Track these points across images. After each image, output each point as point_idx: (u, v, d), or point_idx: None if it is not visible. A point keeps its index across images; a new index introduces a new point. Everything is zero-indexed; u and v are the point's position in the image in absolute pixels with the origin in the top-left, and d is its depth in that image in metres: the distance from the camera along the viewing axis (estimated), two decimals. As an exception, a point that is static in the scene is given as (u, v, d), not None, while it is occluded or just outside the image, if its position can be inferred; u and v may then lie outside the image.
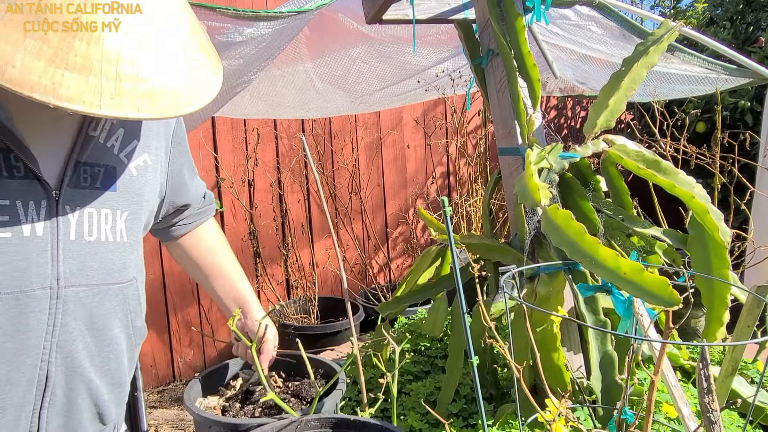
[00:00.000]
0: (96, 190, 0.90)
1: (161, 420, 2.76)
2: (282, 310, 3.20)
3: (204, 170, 3.04)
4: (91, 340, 0.91)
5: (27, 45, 0.65)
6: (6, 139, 0.79)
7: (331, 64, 2.24)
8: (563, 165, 1.60)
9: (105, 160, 0.92)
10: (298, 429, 1.03)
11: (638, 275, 0.88)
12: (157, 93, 0.72)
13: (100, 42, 0.68)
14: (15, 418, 0.84)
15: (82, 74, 0.67)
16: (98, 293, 0.90)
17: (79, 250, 0.88)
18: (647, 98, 2.53)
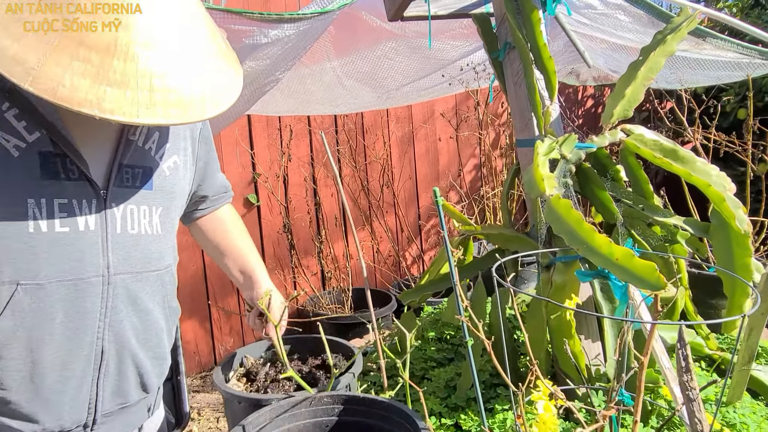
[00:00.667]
0: (136, 189, 1.01)
1: (203, 403, 2.91)
2: (317, 300, 3.30)
3: (241, 166, 3.17)
4: (137, 320, 1.03)
5: (74, 66, 0.75)
6: (63, 145, 0.90)
7: (357, 62, 2.31)
8: (579, 155, 1.62)
9: (143, 161, 1.03)
10: (312, 404, 1.11)
11: (629, 261, 0.92)
12: (185, 100, 0.82)
13: (135, 60, 0.78)
14: (78, 387, 0.96)
15: (121, 89, 0.76)
16: (141, 279, 1.02)
17: (124, 242, 0.99)
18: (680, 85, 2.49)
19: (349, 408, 1.13)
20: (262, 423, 1.08)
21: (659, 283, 0.86)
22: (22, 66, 0.73)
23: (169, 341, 1.15)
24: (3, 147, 0.86)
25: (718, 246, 1.64)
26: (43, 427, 0.94)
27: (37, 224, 0.88)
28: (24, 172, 0.88)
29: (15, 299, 0.88)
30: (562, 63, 2.98)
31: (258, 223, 3.27)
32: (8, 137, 0.86)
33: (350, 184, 3.51)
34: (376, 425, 1.11)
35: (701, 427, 0.75)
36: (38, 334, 0.91)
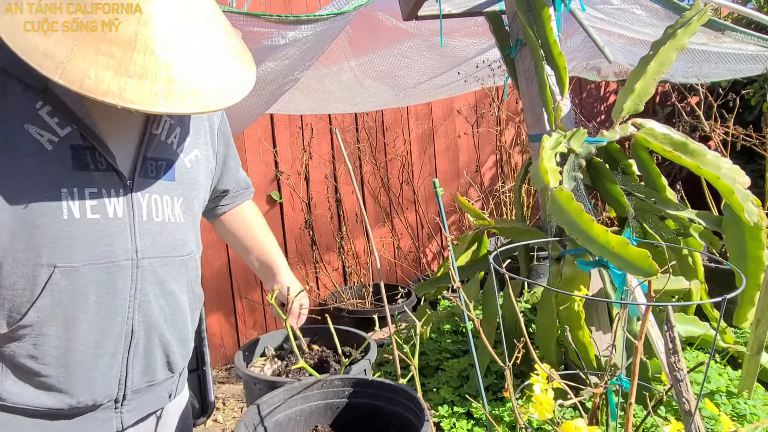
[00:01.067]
0: (159, 180, 1.08)
1: (228, 394, 3.01)
2: (338, 295, 3.37)
3: (264, 164, 3.26)
4: (164, 302, 1.09)
5: (98, 60, 0.82)
6: (91, 139, 0.98)
7: (374, 61, 2.36)
8: (590, 150, 1.64)
9: (166, 154, 1.10)
10: (323, 386, 1.17)
11: (624, 249, 0.95)
12: (200, 91, 0.88)
13: (153, 54, 0.84)
14: (109, 364, 1.04)
15: (141, 80, 0.83)
16: (166, 263, 1.09)
17: (150, 229, 1.05)
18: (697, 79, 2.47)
19: (358, 390, 1.19)
20: (276, 403, 1.14)
21: (651, 269, 0.90)
22: (52, 60, 0.80)
23: (193, 325, 1.22)
24: (38, 141, 0.93)
25: (731, 239, 1.65)
26: (77, 400, 1.01)
27: (70, 212, 0.95)
28: (57, 164, 0.95)
29: (52, 280, 0.95)
30: (581, 58, 2.99)
31: (281, 220, 3.35)
32: (42, 132, 0.94)
33: (371, 181, 3.57)
34: (383, 406, 1.16)
35: (688, 406, 0.78)
36: (73, 313, 0.98)
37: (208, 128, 1.22)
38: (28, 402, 0.98)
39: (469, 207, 2.09)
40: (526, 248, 1.86)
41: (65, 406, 1.01)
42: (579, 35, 2.74)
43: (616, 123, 1.69)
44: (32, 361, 0.97)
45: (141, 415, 1.14)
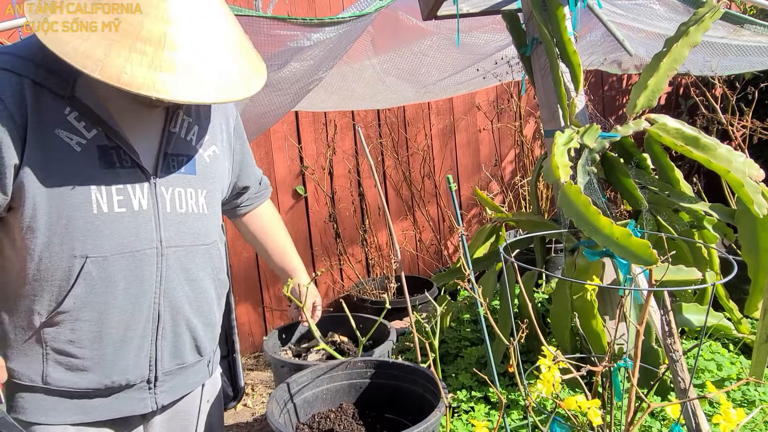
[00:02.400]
0: (182, 174, 1.16)
1: (257, 380, 3.14)
2: (362, 286, 3.47)
3: (289, 159, 3.37)
4: (189, 289, 1.17)
5: (132, 57, 0.92)
6: (116, 139, 1.07)
7: (395, 59, 2.43)
8: (604, 144, 1.69)
9: (186, 150, 1.17)
10: (347, 368, 1.26)
11: (627, 239, 1.01)
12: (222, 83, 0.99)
13: (181, 50, 0.94)
14: (139, 346, 1.12)
15: (171, 74, 0.93)
16: (190, 252, 1.16)
17: (173, 220, 1.13)
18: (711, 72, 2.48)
19: (380, 372, 1.28)
20: (305, 382, 1.23)
21: (652, 258, 0.96)
22: (91, 59, 0.91)
23: (219, 310, 1.30)
24: (68, 144, 1.02)
25: (744, 230, 1.69)
26: (111, 380, 1.09)
27: (99, 207, 1.04)
28: (86, 163, 1.04)
29: (85, 270, 1.04)
30: (602, 52, 3.01)
31: (306, 213, 3.46)
32: (72, 136, 1.03)
33: (393, 175, 3.65)
34: (403, 386, 1.24)
35: (683, 384, 0.85)
36: (105, 299, 1.06)
37: (224, 128, 1.30)
38: (69, 384, 1.07)
39: (487, 200, 2.16)
40: (542, 240, 1.92)
41: (101, 386, 1.09)
42: (599, 30, 2.77)
43: (630, 118, 1.74)
44: (70, 345, 1.06)
45: (176, 396, 1.23)
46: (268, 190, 1.54)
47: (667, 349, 0.86)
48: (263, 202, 1.52)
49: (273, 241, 1.52)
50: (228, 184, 1.34)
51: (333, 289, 3.57)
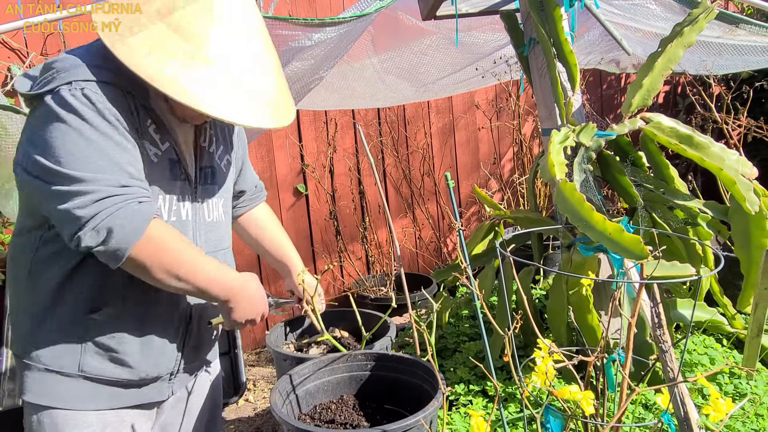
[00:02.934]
0: (210, 185, 1.24)
1: (258, 376, 3.18)
2: (362, 283, 3.50)
3: (290, 157, 3.40)
4: None
5: (218, 85, 0.99)
6: (178, 153, 1.14)
7: (395, 58, 2.47)
8: (600, 143, 1.73)
9: (211, 162, 1.25)
10: (348, 360, 1.29)
11: (619, 235, 1.04)
12: (283, 113, 1.11)
13: (254, 84, 1.06)
14: (171, 343, 1.19)
15: (250, 103, 1.03)
16: (215, 257, 1.23)
17: (206, 228, 1.22)
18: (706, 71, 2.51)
19: (380, 364, 1.31)
20: (306, 374, 1.27)
21: (643, 253, 0.99)
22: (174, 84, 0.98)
23: None
24: (147, 155, 1.08)
25: (737, 227, 1.72)
26: (146, 374, 1.15)
27: (161, 215, 1.11)
28: (160, 174, 1.10)
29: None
30: (599, 52, 3.04)
31: (306, 211, 3.49)
32: (151, 147, 1.09)
33: (393, 173, 3.68)
34: (402, 378, 1.28)
35: (673, 374, 0.88)
36: (150, 300, 1.13)
37: (232, 133, 1.36)
38: (106, 374, 1.12)
39: (485, 198, 2.19)
40: (539, 237, 1.95)
41: (136, 378, 1.15)
42: (597, 29, 2.80)
43: (626, 117, 1.77)
44: (113, 340, 1.11)
45: (186, 384, 1.30)
46: (263, 193, 1.58)
47: (656, 340, 0.89)
48: (258, 204, 1.56)
49: (269, 238, 1.55)
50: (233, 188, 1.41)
51: (334, 286, 3.60)
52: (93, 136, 0.98)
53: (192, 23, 1.01)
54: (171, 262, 1.04)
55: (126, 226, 0.97)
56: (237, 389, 2.83)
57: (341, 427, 1.19)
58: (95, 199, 0.96)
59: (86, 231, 0.95)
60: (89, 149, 0.97)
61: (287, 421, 1.08)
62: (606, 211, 1.81)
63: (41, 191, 0.99)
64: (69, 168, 0.96)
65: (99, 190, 0.96)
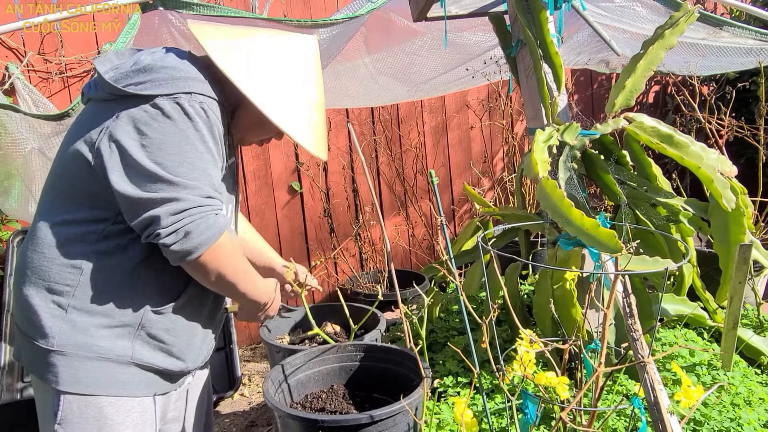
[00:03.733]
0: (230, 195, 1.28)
1: (253, 371, 3.22)
2: (355, 280, 3.55)
3: (285, 156, 3.44)
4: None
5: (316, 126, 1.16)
6: (236, 166, 1.24)
7: (388, 58, 2.51)
8: (584, 142, 1.78)
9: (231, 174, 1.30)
10: (338, 351, 1.34)
11: (595, 230, 1.10)
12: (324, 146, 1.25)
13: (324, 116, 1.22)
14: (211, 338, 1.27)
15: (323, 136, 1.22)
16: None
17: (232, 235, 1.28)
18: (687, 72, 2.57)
19: (369, 355, 1.36)
20: (298, 365, 1.32)
21: (617, 247, 1.04)
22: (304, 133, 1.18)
23: None
24: (224, 166, 1.16)
25: (716, 224, 1.78)
26: (187, 365, 1.21)
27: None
28: (228, 185, 1.20)
29: None
30: (589, 52, 3.09)
31: (301, 209, 3.54)
32: (226, 160, 1.17)
33: (386, 172, 3.73)
34: (390, 368, 1.33)
35: (643, 361, 0.93)
36: (203, 298, 1.20)
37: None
38: (153, 363, 1.15)
39: (475, 196, 2.24)
40: (527, 234, 2.00)
41: (178, 369, 1.20)
42: (586, 30, 2.85)
43: (609, 117, 1.83)
44: (166, 333, 1.16)
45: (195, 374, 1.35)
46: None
47: (628, 329, 0.94)
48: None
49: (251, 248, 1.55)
50: None
51: (328, 283, 3.65)
52: (201, 148, 1.07)
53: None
54: (228, 269, 1.13)
55: (204, 233, 1.06)
56: (232, 384, 2.88)
57: (331, 414, 1.24)
58: (185, 208, 1.04)
59: (168, 230, 1.03)
60: (194, 158, 1.06)
61: (279, 408, 1.13)
62: (591, 207, 1.87)
63: (125, 188, 1.04)
64: (170, 172, 1.04)
65: (189, 199, 1.05)
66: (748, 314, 2.15)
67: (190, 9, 1.72)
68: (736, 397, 1.58)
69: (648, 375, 0.92)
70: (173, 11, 1.72)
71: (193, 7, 1.71)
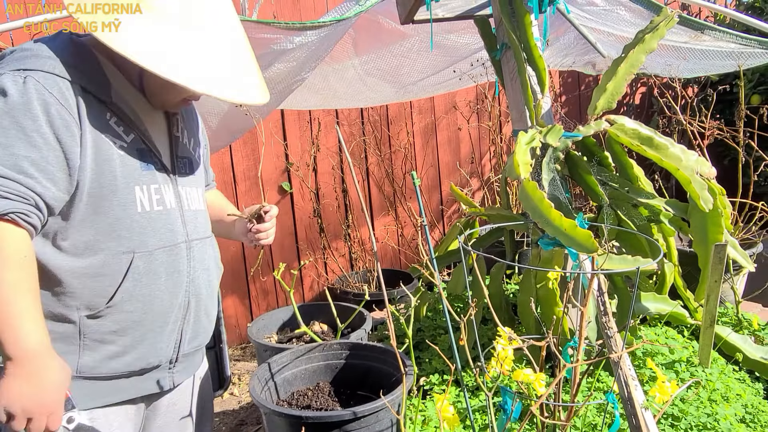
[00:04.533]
0: (188, 175, 1.26)
1: (243, 370, 3.24)
2: (345, 279, 3.58)
3: (275, 156, 3.46)
4: (205, 276, 1.27)
5: (216, 64, 1.06)
6: (148, 142, 1.17)
7: (376, 60, 2.54)
8: (567, 144, 1.81)
9: (187, 153, 1.27)
10: (324, 349, 1.37)
11: (573, 230, 1.13)
12: (260, 89, 1.15)
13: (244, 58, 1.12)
14: (171, 332, 1.20)
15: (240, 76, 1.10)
16: (204, 244, 1.27)
17: (191, 216, 1.23)
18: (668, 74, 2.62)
19: (354, 353, 1.39)
20: (285, 362, 1.34)
21: (593, 247, 1.08)
22: (175, 68, 1.04)
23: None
24: (112, 147, 1.09)
25: (695, 224, 1.83)
26: (148, 362, 1.17)
27: (142, 205, 1.13)
28: (129, 166, 1.11)
29: (133, 265, 1.11)
30: (575, 54, 3.14)
31: (291, 209, 3.56)
32: (115, 140, 1.10)
33: (375, 172, 3.76)
34: (374, 366, 1.36)
35: (616, 357, 0.97)
36: (149, 290, 1.14)
37: (201, 127, 1.41)
38: (104, 372, 1.11)
39: (462, 196, 2.28)
40: (512, 233, 2.04)
41: (138, 368, 1.16)
42: (572, 32, 2.89)
43: (591, 119, 1.86)
44: (113, 335, 1.11)
45: (187, 376, 1.32)
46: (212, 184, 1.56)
47: (602, 326, 0.98)
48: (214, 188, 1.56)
49: (214, 208, 1.51)
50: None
51: (318, 282, 3.67)
52: (4, 123, 0.98)
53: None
54: None
55: None
56: (222, 383, 2.89)
57: (317, 411, 1.26)
58: None
59: None
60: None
61: (265, 405, 1.15)
62: (576, 208, 1.90)
63: None
64: None
65: None
66: (728, 312, 2.19)
67: (178, 11, 1.74)
68: (713, 393, 1.62)
69: (621, 371, 0.95)
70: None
71: (181, 9, 1.73)
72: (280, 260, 3.53)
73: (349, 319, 1.58)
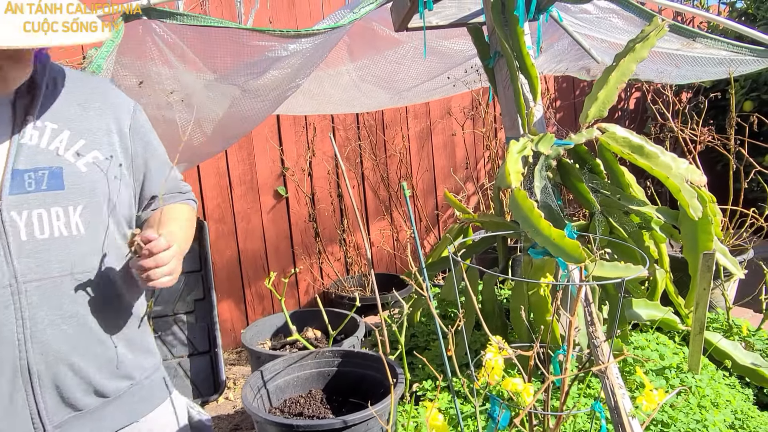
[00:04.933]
0: (42, 193, 0.96)
1: (238, 375, 3.24)
2: (340, 284, 3.59)
3: (271, 161, 3.47)
4: (67, 327, 0.97)
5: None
6: None
7: (370, 66, 2.55)
8: (559, 151, 1.83)
9: (48, 162, 0.97)
10: (316, 357, 1.38)
11: (561, 240, 1.14)
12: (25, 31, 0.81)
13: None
14: (8, 404, 0.93)
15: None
16: (61, 285, 0.96)
17: (32, 249, 0.94)
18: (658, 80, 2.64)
19: (346, 360, 1.40)
20: (277, 370, 1.35)
21: (581, 257, 1.09)
22: None
23: (142, 338, 1.11)
24: None
25: (686, 231, 1.84)
26: None
27: None
28: None
29: None
30: (569, 60, 3.16)
31: (287, 214, 3.57)
32: None
33: (371, 177, 3.77)
34: (367, 374, 1.37)
35: (603, 368, 0.98)
36: None
37: (114, 128, 1.10)
38: None
39: (455, 202, 2.29)
40: (504, 241, 2.05)
41: None
42: (566, 38, 2.92)
43: (583, 127, 1.88)
44: None
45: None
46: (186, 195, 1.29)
47: (589, 336, 0.99)
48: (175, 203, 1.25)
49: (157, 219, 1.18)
50: (132, 194, 1.14)
51: (313, 287, 3.68)
52: None
53: None
54: None
55: None
56: (217, 387, 2.90)
57: (308, 419, 1.27)
58: None
59: None
60: None
61: (257, 414, 1.16)
62: (569, 215, 1.92)
63: None
64: None
65: None
66: (719, 318, 2.21)
67: (173, 19, 1.75)
68: (703, 399, 1.64)
69: (608, 380, 0.97)
70: (156, 20, 1.75)
71: (176, 17, 1.74)
72: (276, 265, 3.53)
73: (340, 327, 1.59)
